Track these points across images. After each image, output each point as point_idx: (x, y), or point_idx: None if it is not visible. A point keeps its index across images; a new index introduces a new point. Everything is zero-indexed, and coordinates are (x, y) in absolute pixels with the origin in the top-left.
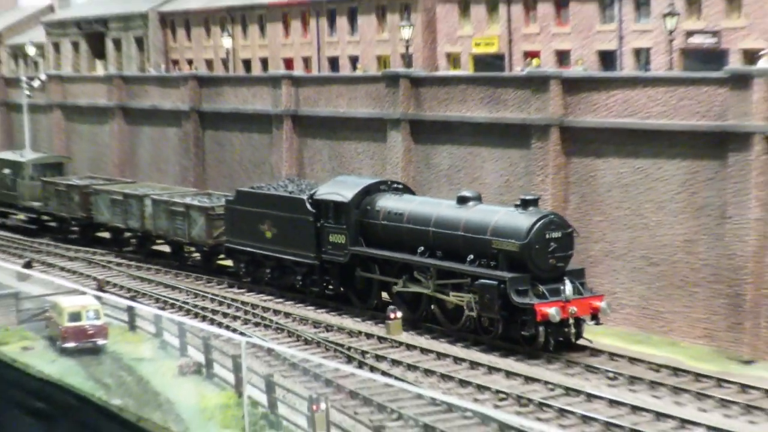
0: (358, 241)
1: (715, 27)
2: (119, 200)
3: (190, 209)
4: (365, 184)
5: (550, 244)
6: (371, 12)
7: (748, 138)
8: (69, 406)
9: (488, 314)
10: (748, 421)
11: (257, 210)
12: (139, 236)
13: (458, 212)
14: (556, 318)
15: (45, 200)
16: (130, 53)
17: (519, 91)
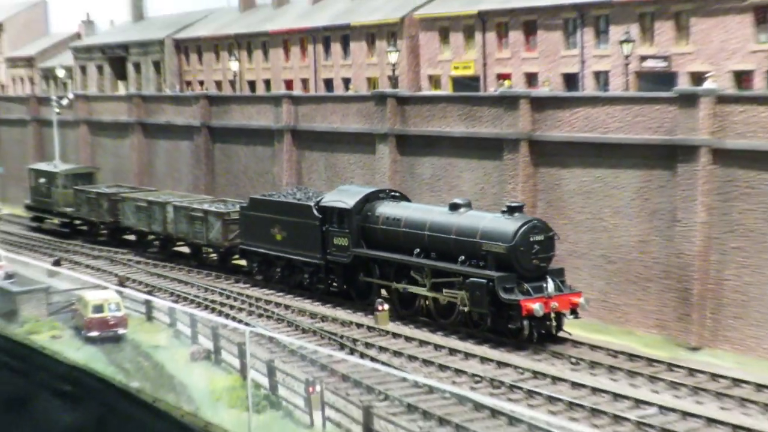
0: (359, 243)
1: (665, 52)
2: (144, 207)
3: (208, 215)
4: (366, 192)
5: (533, 246)
6: (362, 39)
7: (694, 150)
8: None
9: (478, 309)
10: (695, 402)
11: (269, 215)
12: (162, 239)
13: (450, 218)
14: (539, 313)
15: (77, 206)
16: (148, 75)
17: (493, 109)
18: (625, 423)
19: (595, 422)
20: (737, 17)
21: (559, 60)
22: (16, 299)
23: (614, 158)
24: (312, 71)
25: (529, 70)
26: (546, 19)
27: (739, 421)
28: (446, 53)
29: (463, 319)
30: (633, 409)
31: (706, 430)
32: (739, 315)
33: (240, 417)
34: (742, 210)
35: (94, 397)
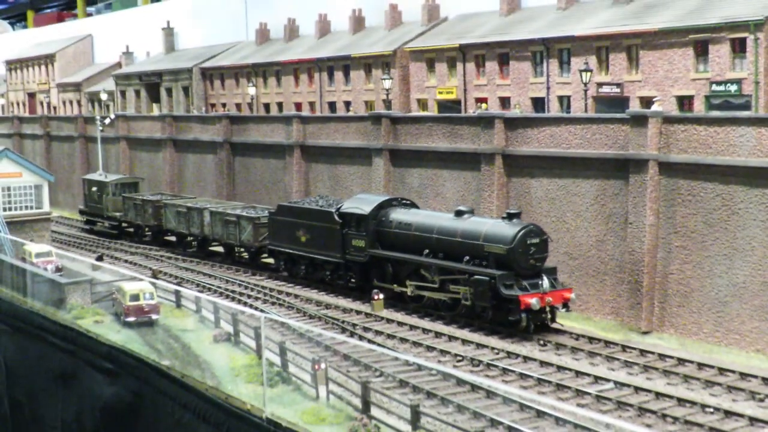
0: (374, 245)
1: (619, 80)
2: (183, 212)
3: (241, 219)
4: (380, 200)
5: (530, 248)
6: (360, 68)
7: (644, 163)
8: (130, 365)
9: (481, 303)
10: (645, 378)
11: (295, 220)
12: (199, 239)
13: (456, 223)
14: (536, 306)
15: (125, 211)
16: (178, 99)
17: (472, 128)
18: (586, 396)
19: (560, 395)
20: (680, 50)
21: (528, 86)
22: (64, 289)
23: (575, 170)
24: (318, 95)
25: (503, 95)
26: (517, 51)
27: (684, 395)
28: (432, 80)
29: (466, 311)
30: (593, 385)
31: (656, 402)
32: (682, 304)
33: (256, 390)
34: (684, 214)
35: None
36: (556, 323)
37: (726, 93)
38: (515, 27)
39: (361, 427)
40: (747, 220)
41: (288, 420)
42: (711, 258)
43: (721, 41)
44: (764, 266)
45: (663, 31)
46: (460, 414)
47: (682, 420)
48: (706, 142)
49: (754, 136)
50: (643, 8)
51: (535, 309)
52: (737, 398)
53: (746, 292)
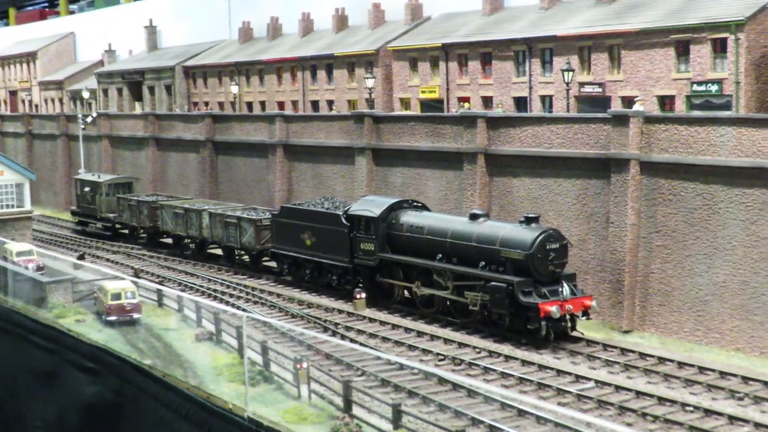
0: (384, 248)
1: (601, 80)
2: (181, 213)
3: (241, 221)
4: (390, 202)
5: (549, 253)
6: (343, 67)
7: (625, 163)
8: (112, 364)
9: (498, 310)
10: (626, 377)
11: (299, 222)
12: (197, 242)
13: (471, 226)
14: (556, 315)
15: (119, 212)
16: (161, 97)
17: (454, 127)
18: (567, 395)
19: (541, 394)
20: (661, 50)
21: (510, 86)
22: (45, 288)
23: (557, 169)
24: (301, 94)
25: (485, 94)
26: (500, 51)
27: (664, 393)
28: (415, 79)
29: (481, 318)
30: (574, 384)
31: (636, 401)
32: (663, 303)
33: (238, 389)
34: (665, 214)
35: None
36: (576, 331)
37: (707, 93)
38: (498, 26)
39: (343, 426)
40: (727, 220)
41: (270, 419)
42: (692, 257)
43: (702, 41)
44: (744, 265)
45: (644, 31)
46: (441, 413)
47: (662, 419)
48: (687, 142)
49: (735, 135)
50: (625, 8)
51: (555, 317)
52: (717, 397)
53: (726, 291)
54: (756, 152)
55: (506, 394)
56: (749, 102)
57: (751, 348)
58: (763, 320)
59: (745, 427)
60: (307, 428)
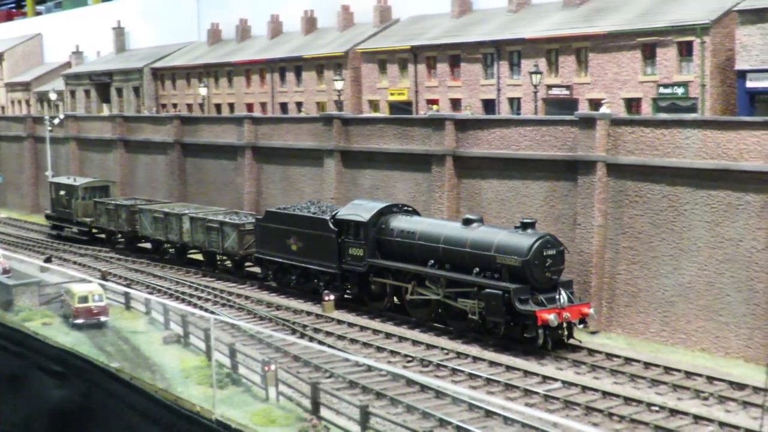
0: (374, 254)
1: (568, 82)
2: (161, 217)
3: (224, 225)
4: (380, 207)
5: (546, 260)
6: (312, 69)
7: (592, 165)
8: (79, 368)
9: (493, 318)
10: (593, 377)
11: (284, 227)
12: (178, 247)
13: (464, 232)
14: (554, 323)
15: (96, 216)
16: (129, 99)
17: (423, 129)
18: (534, 396)
19: (509, 395)
20: (628, 53)
21: (479, 88)
22: (12, 291)
23: (525, 171)
24: (270, 96)
25: (454, 97)
26: (468, 53)
27: (630, 393)
28: (384, 82)
29: (475, 326)
30: (541, 384)
31: (603, 401)
32: (630, 304)
33: (206, 392)
34: (632, 215)
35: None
36: (574, 339)
37: (673, 96)
38: (466, 29)
39: (311, 427)
40: (693, 221)
41: (238, 421)
42: (658, 258)
43: (669, 45)
44: (710, 266)
45: (612, 35)
46: (409, 414)
47: (629, 418)
48: (653, 144)
49: (700, 138)
50: (592, 11)
51: (553, 325)
52: (682, 397)
53: (692, 292)
54: (721, 154)
55: (474, 395)
56: (714, 105)
57: (716, 348)
58: (728, 321)
59: (709, 426)
60: (275, 430)
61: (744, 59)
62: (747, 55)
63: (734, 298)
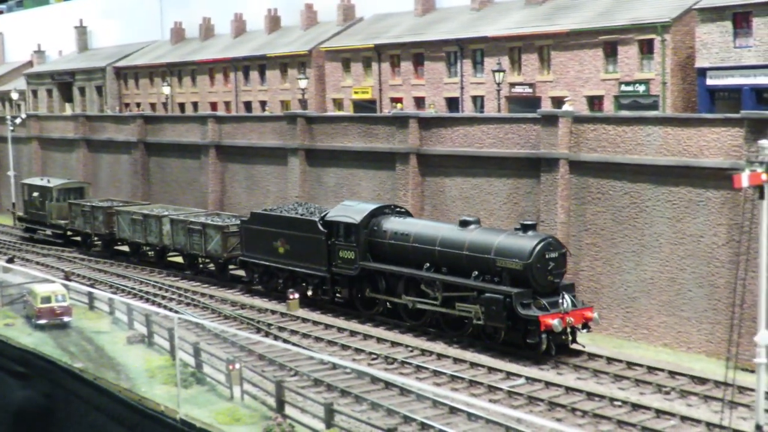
0: (366, 257)
1: (531, 80)
2: (139, 219)
3: (207, 227)
4: (371, 208)
5: (549, 263)
6: (276, 68)
7: (555, 162)
8: (42, 368)
9: (494, 324)
10: (556, 373)
11: (271, 229)
12: (157, 250)
13: (461, 234)
14: (558, 328)
15: (71, 219)
16: (92, 98)
17: (387, 128)
18: (498, 392)
19: (473, 392)
20: (590, 51)
21: (442, 86)
22: None
23: (488, 169)
24: (234, 95)
25: (418, 95)
26: (432, 52)
27: (593, 389)
28: (348, 80)
29: (474, 331)
30: (505, 381)
31: (566, 397)
32: (593, 300)
33: (170, 391)
34: (594, 212)
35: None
36: (577, 344)
37: (634, 93)
38: (430, 27)
39: (276, 426)
40: (654, 218)
41: (202, 421)
42: (620, 255)
43: (630, 42)
44: (671, 262)
45: (574, 33)
46: (374, 411)
47: (591, 413)
48: (615, 142)
49: (661, 135)
50: (554, 10)
51: (557, 331)
52: (644, 391)
53: (654, 288)
54: (682, 151)
55: (438, 392)
56: (675, 102)
57: (678, 343)
58: (690, 316)
59: (671, 420)
60: (239, 429)
61: (704, 57)
62: (707, 52)
63: (695, 294)
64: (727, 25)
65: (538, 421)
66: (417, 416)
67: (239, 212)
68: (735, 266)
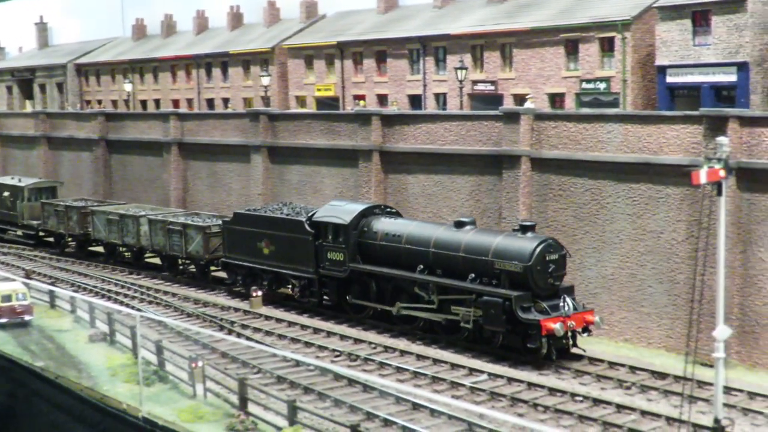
0: (356, 258)
1: (493, 78)
2: (116, 219)
3: (188, 228)
4: (361, 208)
5: (549, 265)
6: (239, 65)
7: (517, 159)
8: (2, 367)
9: (493, 327)
10: (518, 369)
11: (255, 230)
12: (135, 251)
13: (457, 235)
14: (560, 333)
15: (44, 219)
16: (52, 95)
17: (350, 125)
18: (461, 388)
19: (436, 388)
20: (551, 49)
21: (405, 84)
22: None
23: (451, 166)
24: (196, 92)
25: (381, 92)
26: (394, 49)
27: (555, 384)
28: (311, 77)
29: (469, 335)
30: (467, 377)
31: (528, 392)
32: None
33: (133, 390)
34: (555, 209)
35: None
36: (578, 348)
37: (595, 90)
38: (393, 25)
39: (239, 423)
40: (615, 214)
41: (165, 419)
42: (581, 251)
43: (591, 40)
44: (631, 258)
45: (535, 30)
46: (337, 408)
47: (553, 408)
48: (576, 139)
49: (621, 132)
50: (516, 8)
51: (559, 335)
52: (606, 386)
53: (614, 284)
54: (642, 148)
55: (401, 389)
56: (636, 99)
57: (639, 339)
58: (650, 311)
59: (632, 415)
60: (202, 427)
61: (664, 55)
62: (667, 50)
63: (656, 289)
64: (687, 23)
65: (501, 416)
66: (380, 412)
67: (202, 210)
68: (694, 262)
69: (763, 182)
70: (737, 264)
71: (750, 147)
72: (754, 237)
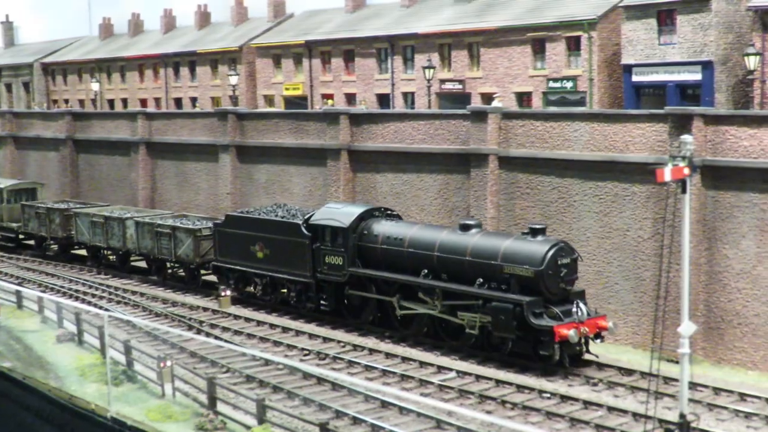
0: (355, 262)
1: (461, 77)
2: (100, 222)
3: (177, 231)
4: (360, 211)
5: (561, 269)
6: (207, 64)
7: (485, 158)
8: None
9: (503, 334)
10: (486, 367)
11: (248, 233)
12: (120, 254)
13: (463, 238)
14: (575, 339)
15: (25, 221)
16: (19, 94)
17: (318, 124)
18: (430, 386)
19: (405, 385)
20: (518, 48)
21: (373, 83)
22: None
23: (419, 164)
24: (164, 91)
25: (349, 91)
26: (362, 48)
27: (523, 381)
28: (279, 76)
29: (476, 342)
30: (436, 374)
31: (496, 389)
32: None
33: (101, 390)
34: (523, 207)
35: None
36: (591, 354)
37: (562, 89)
38: (360, 24)
39: (208, 422)
40: (582, 212)
41: (134, 419)
42: None
43: (557, 39)
44: (598, 256)
45: (502, 30)
46: (306, 407)
47: (521, 405)
48: (543, 137)
49: (588, 131)
50: (484, 7)
51: (573, 342)
52: (573, 383)
53: (581, 281)
54: (608, 147)
55: (370, 387)
56: (602, 98)
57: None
58: (617, 308)
59: (599, 411)
60: (171, 426)
61: (630, 54)
62: (632, 49)
63: (622, 287)
64: (652, 22)
65: (468, 413)
66: (349, 411)
67: (171, 209)
68: (660, 259)
69: (728, 179)
70: (702, 261)
71: (714, 145)
72: (718, 234)
